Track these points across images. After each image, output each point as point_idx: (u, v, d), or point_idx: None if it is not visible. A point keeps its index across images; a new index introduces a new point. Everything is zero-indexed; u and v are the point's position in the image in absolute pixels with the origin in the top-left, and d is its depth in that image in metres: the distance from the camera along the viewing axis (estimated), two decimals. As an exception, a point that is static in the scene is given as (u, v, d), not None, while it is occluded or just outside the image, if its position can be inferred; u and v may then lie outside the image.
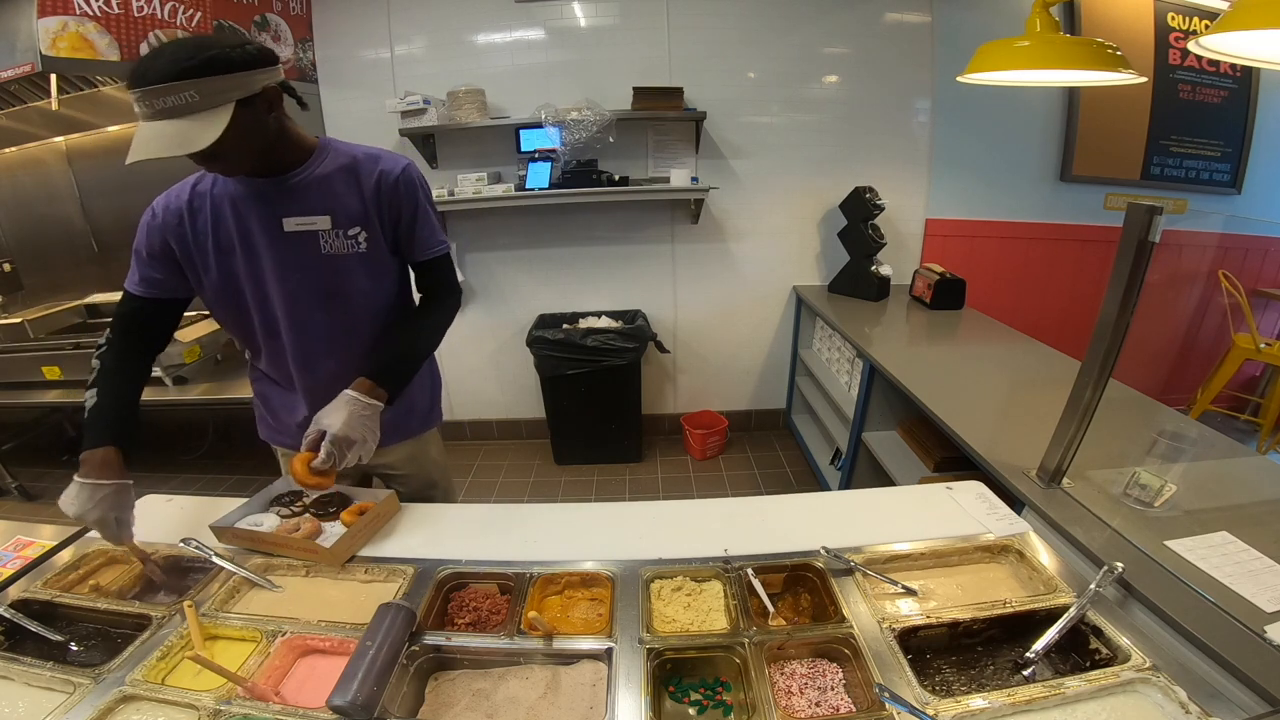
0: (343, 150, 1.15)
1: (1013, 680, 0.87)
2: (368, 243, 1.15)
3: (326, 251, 1.13)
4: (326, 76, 2.84)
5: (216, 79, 0.89)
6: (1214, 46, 1.07)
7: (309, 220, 1.10)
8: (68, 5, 1.90)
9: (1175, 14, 2.86)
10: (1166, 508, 1.14)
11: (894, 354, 2.23)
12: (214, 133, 0.88)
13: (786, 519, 1.20)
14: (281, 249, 1.11)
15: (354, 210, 1.13)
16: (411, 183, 1.16)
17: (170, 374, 2.69)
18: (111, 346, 1.15)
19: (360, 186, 1.12)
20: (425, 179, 1.22)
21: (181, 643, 0.92)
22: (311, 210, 1.10)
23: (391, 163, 1.16)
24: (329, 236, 1.12)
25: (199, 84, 0.87)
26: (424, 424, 1.43)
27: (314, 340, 1.20)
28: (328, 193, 1.11)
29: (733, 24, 2.75)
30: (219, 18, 2.31)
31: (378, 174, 1.13)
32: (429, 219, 1.20)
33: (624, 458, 3.26)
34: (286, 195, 1.09)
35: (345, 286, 1.17)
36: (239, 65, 0.91)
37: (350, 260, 1.15)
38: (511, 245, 3.13)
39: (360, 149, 1.16)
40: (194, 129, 0.88)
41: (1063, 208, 3.10)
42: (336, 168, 1.12)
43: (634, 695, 0.81)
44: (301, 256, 1.12)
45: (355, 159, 1.14)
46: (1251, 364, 3.21)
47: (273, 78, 0.98)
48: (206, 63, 0.87)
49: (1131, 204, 0.98)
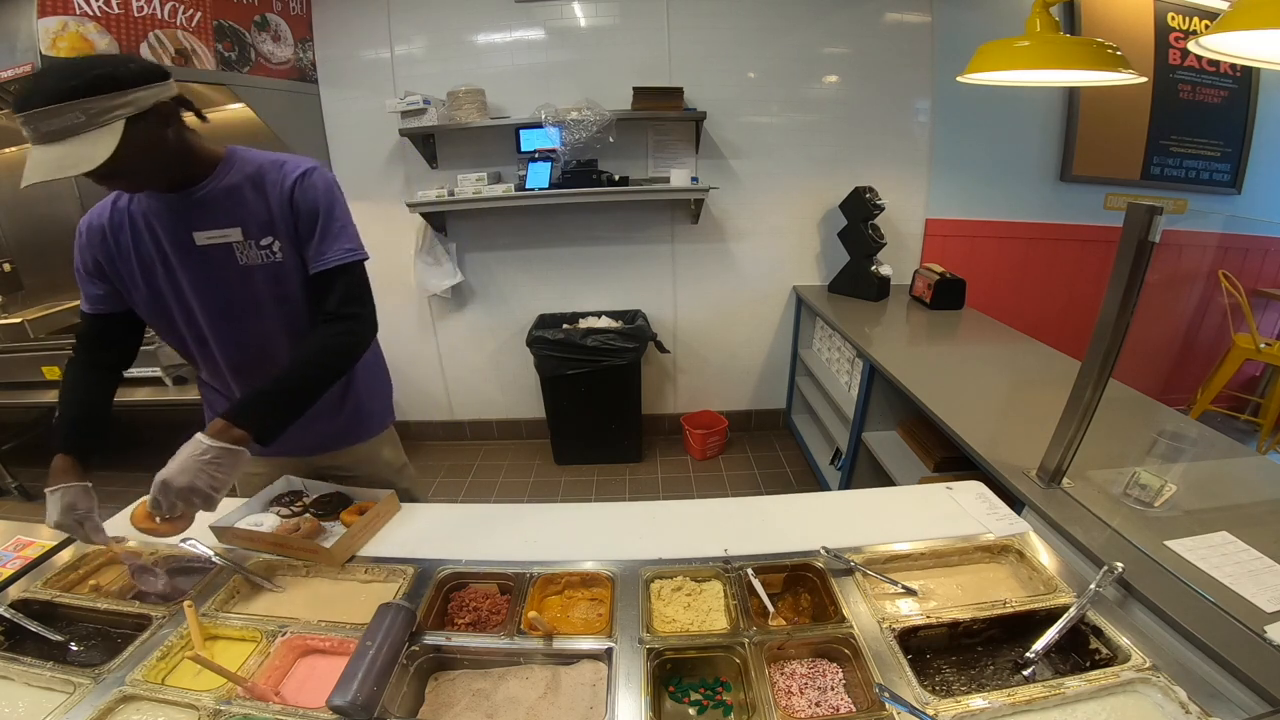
0: (250, 159, 1.11)
1: (1013, 680, 0.87)
2: (283, 252, 1.11)
3: (243, 263, 1.10)
4: (326, 76, 2.84)
5: (101, 99, 0.86)
6: (1214, 46, 1.07)
7: (220, 233, 1.08)
8: (68, 5, 1.90)
9: (1175, 14, 2.86)
10: (1166, 508, 1.14)
11: (894, 354, 2.23)
12: (103, 152, 0.86)
13: (786, 519, 1.20)
14: (198, 263, 1.10)
15: (263, 219, 1.09)
16: (314, 185, 1.10)
17: (170, 374, 2.69)
18: (73, 363, 1.18)
19: (267, 195, 1.09)
20: (336, 182, 1.15)
21: (181, 643, 0.92)
22: (221, 223, 1.08)
23: (294, 166, 1.11)
24: (243, 248, 1.09)
25: (83, 104, 0.85)
26: (379, 426, 1.41)
27: (243, 351, 1.19)
28: (236, 203, 1.08)
29: (733, 24, 2.75)
30: (219, 18, 2.31)
31: (281, 179, 1.09)
32: (331, 223, 1.11)
33: (624, 458, 3.26)
34: (195, 209, 1.07)
35: (266, 297, 1.14)
36: (125, 83, 0.88)
37: (269, 270, 1.11)
38: (511, 245, 3.13)
39: (268, 157, 1.12)
40: (83, 149, 0.86)
41: (1063, 208, 3.10)
42: (243, 177, 1.09)
43: (634, 695, 0.81)
44: (219, 269, 1.10)
45: (261, 167, 1.10)
46: (1251, 364, 3.21)
47: (164, 93, 0.94)
48: (90, 83, 0.85)
49: (1131, 204, 0.98)
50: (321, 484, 1.29)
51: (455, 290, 3.18)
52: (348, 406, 1.32)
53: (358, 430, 1.37)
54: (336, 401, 1.31)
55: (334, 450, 1.36)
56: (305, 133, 2.82)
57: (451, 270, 3.09)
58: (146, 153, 0.93)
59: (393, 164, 2.97)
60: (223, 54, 2.35)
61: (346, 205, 1.16)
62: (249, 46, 2.46)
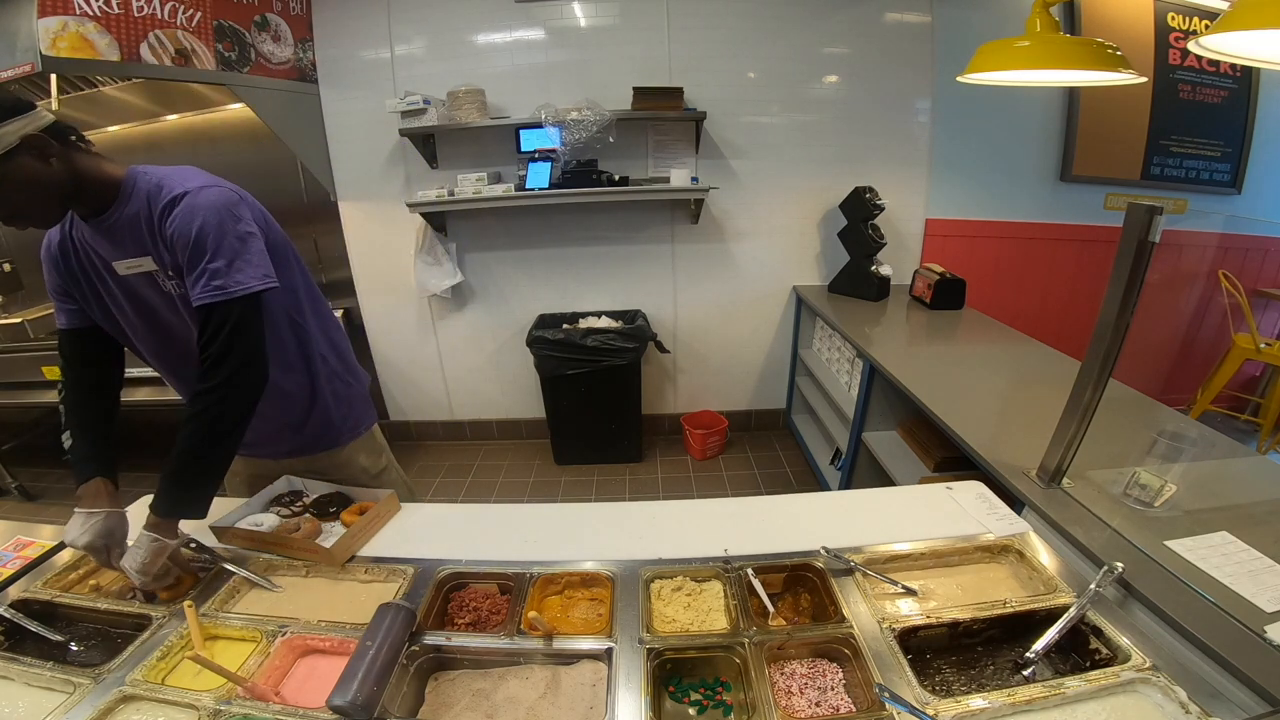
0: (144, 184, 1.01)
1: (1013, 680, 0.87)
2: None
3: (168, 290, 1.06)
4: (326, 76, 2.84)
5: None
6: (1214, 46, 1.07)
7: (135, 262, 1.03)
8: (68, 5, 1.89)
9: (1175, 14, 2.86)
10: (1166, 508, 1.14)
11: (894, 354, 2.23)
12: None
13: (786, 519, 1.20)
14: (128, 290, 1.07)
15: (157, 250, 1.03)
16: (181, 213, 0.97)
17: (170, 374, 2.69)
18: (68, 387, 1.16)
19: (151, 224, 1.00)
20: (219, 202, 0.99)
21: (181, 643, 0.92)
22: (132, 252, 1.02)
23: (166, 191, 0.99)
24: (162, 277, 1.04)
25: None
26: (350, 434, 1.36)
27: (183, 377, 1.17)
28: (138, 232, 1.01)
29: (733, 24, 2.75)
30: (219, 18, 2.31)
31: (158, 207, 0.99)
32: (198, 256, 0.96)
33: (624, 458, 3.26)
34: (110, 237, 1.02)
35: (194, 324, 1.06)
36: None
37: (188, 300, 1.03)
38: (511, 245, 3.13)
39: (155, 179, 1.01)
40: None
41: (1063, 208, 3.10)
42: (140, 206, 1.01)
43: (634, 695, 0.81)
44: (149, 296, 1.07)
45: (149, 194, 1.00)
46: (1251, 364, 3.20)
47: (31, 124, 0.88)
48: None
49: (1131, 204, 0.98)
50: (321, 484, 1.29)
51: (455, 290, 3.18)
52: (314, 417, 1.29)
53: (328, 438, 1.34)
54: (302, 413, 1.27)
55: (306, 456, 1.34)
56: (305, 133, 2.82)
57: (451, 270, 3.09)
58: (27, 190, 0.89)
59: (393, 164, 2.97)
60: (223, 54, 2.35)
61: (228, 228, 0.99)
62: (249, 46, 2.46)
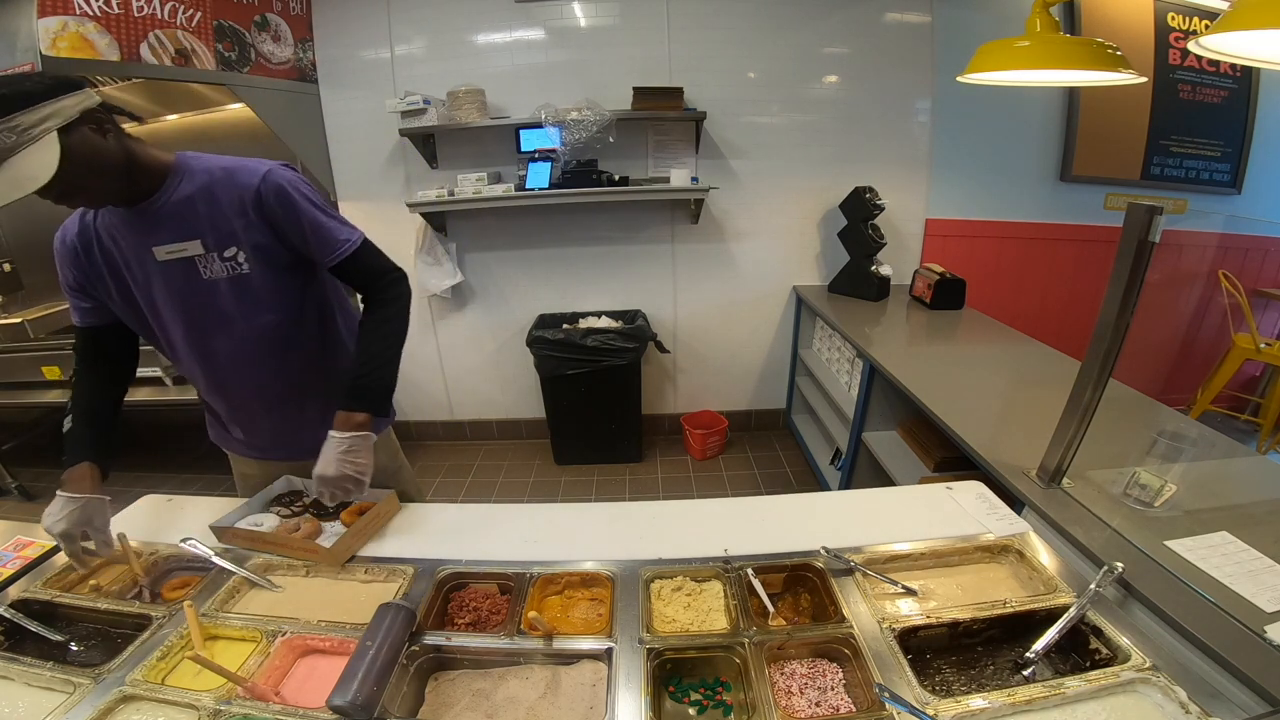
0: (201, 168, 1.06)
1: (1013, 680, 0.87)
2: (249, 263, 1.08)
3: (208, 277, 1.07)
4: (326, 76, 2.84)
5: (21, 115, 0.83)
6: (1214, 46, 1.07)
7: (179, 247, 1.04)
8: (68, 5, 1.89)
9: (1175, 14, 2.86)
10: (1166, 508, 1.14)
11: (894, 354, 2.23)
12: (48, 169, 0.84)
13: (786, 519, 1.20)
14: (164, 278, 1.07)
15: (223, 230, 1.05)
16: (278, 188, 1.06)
17: (170, 374, 2.69)
18: (78, 377, 1.17)
19: (223, 206, 1.05)
20: (297, 178, 1.10)
21: (181, 643, 0.92)
22: (179, 236, 1.04)
23: (250, 174, 1.06)
24: (205, 261, 1.06)
25: (7, 123, 0.82)
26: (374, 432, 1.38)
27: (219, 369, 1.17)
28: (192, 215, 1.04)
29: (733, 24, 2.75)
30: (219, 18, 2.31)
31: (238, 188, 1.05)
32: (317, 220, 1.09)
33: (624, 458, 3.26)
34: (152, 223, 1.03)
35: (237, 312, 1.10)
36: (36, 97, 0.85)
37: (236, 283, 1.08)
38: (511, 245, 3.13)
39: (220, 163, 1.07)
40: (26, 169, 0.83)
41: (1063, 208, 3.10)
42: (196, 188, 1.04)
43: (634, 695, 0.81)
44: (185, 284, 1.07)
45: (213, 176, 1.05)
46: (1251, 364, 3.20)
47: (87, 100, 0.91)
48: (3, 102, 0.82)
49: (1131, 204, 0.98)
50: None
51: (455, 290, 3.18)
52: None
53: None
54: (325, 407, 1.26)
55: None
56: (305, 133, 2.82)
57: (451, 270, 3.09)
58: (91, 164, 0.91)
59: (393, 164, 2.97)
60: (223, 54, 2.35)
61: (314, 191, 1.11)
62: (249, 46, 2.46)
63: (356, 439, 1.09)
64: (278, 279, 1.12)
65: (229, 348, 1.14)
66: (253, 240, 1.07)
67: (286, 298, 1.15)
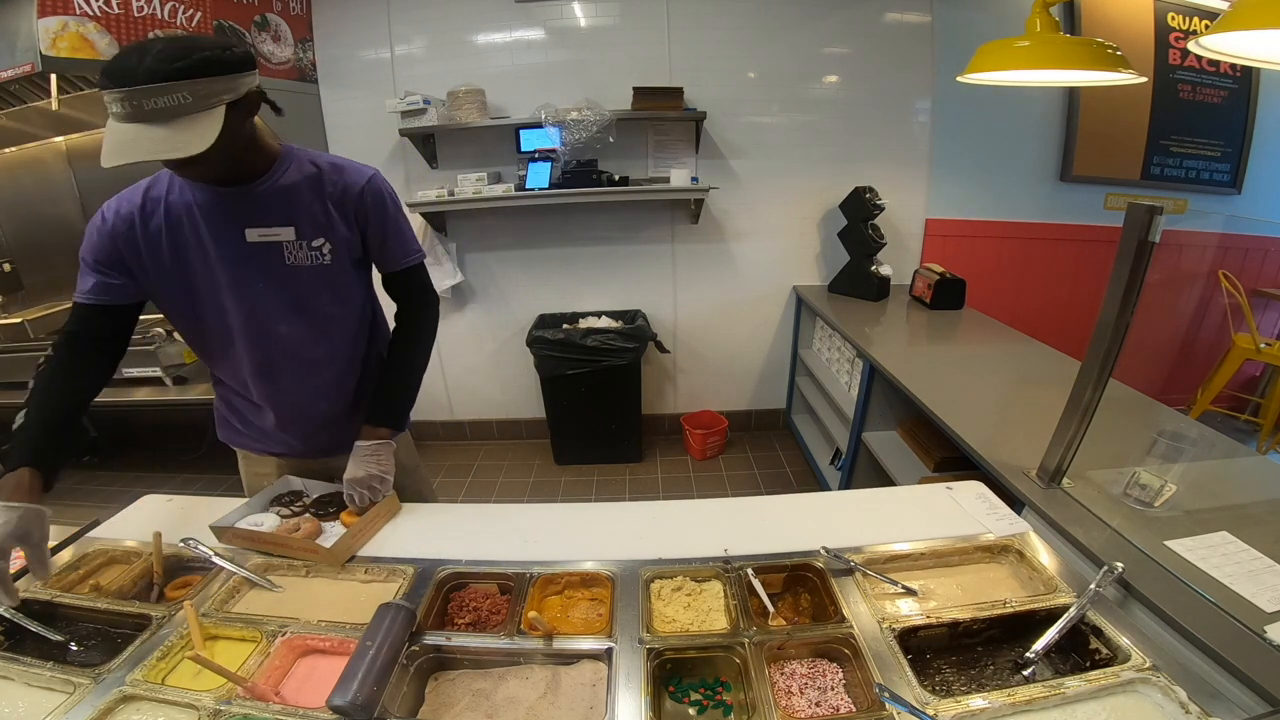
0: (306, 158, 1.10)
1: (1013, 680, 0.87)
2: (332, 255, 1.11)
3: (290, 263, 1.09)
4: (326, 76, 2.84)
5: (209, 81, 0.85)
6: (1214, 46, 1.07)
7: (273, 231, 1.07)
8: (68, 5, 1.90)
9: (1175, 14, 2.86)
10: (1166, 508, 1.14)
11: (894, 354, 2.23)
12: (208, 138, 0.85)
13: (786, 519, 1.20)
14: (243, 260, 1.08)
15: (319, 221, 1.09)
16: (379, 193, 1.14)
17: (170, 374, 2.69)
18: (51, 364, 1.06)
19: (325, 197, 1.09)
20: (392, 187, 1.19)
21: (181, 643, 0.92)
22: (276, 220, 1.07)
23: (357, 174, 1.12)
24: (293, 248, 1.08)
25: (193, 85, 0.84)
26: None
27: (273, 353, 1.17)
28: (292, 202, 1.07)
29: (733, 24, 2.75)
30: (219, 18, 2.31)
31: (343, 185, 1.10)
32: (400, 229, 1.19)
33: (624, 458, 3.26)
34: (251, 205, 1.05)
35: (308, 299, 1.14)
36: (231, 67, 0.88)
37: (314, 272, 1.12)
38: (511, 245, 3.13)
39: (325, 158, 1.13)
40: (185, 132, 0.84)
41: (1063, 208, 3.10)
42: (302, 176, 1.08)
43: (634, 695, 0.81)
44: (264, 268, 1.09)
45: (320, 168, 1.10)
46: (1251, 364, 3.20)
47: (254, 81, 0.95)
48: (201, 64, 0.84)
49: (1131, 204, 0.98)
50: (321, 484, 1.30)
51: (455, 290, 3.18)
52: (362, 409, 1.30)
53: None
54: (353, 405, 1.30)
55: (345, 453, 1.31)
56: (305, 133, 2.82)
57: (452, 270, 3.09)
58: (232, 141, 0.92)
59: (393, 164, 2.97)
60: (223, 54, 2.35)
61: (401, 202, 1.21)
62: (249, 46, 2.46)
63: (381, 446, 1.21)
64: (349, 275, 1.18)
65: (283, 335, 1.16)
66: (341, 234, 1.12)
67: (353, 293, 1.21)
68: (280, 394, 1.23)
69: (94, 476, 3.34)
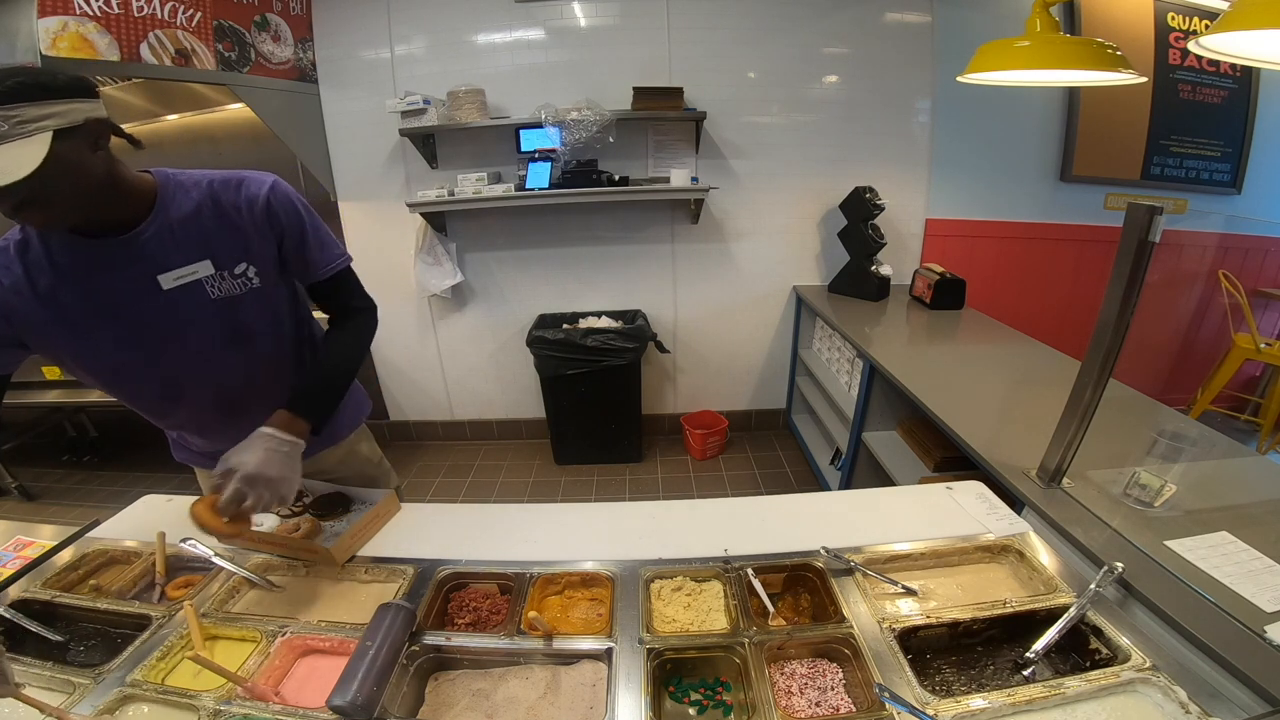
0: (191, 183, 1.00)
1: (1013, 680, 0.87)
2: (259, 276, 1.05)
3: (216, 296, 1.02)
4: (326, 76, 2.84)
5: (28, 106, 0.77)
6: (1214, 46, 1.07)
7: (188, 270, 0.98)
8: (68, 5, 1.89)
9: (1175, 14, 2.86)
10: (1166, 508, 1.14)
11: (894, 354, 2.23)
12: (28, 165, 0.76)
13: (786, 519, 1.20)
14: (161, 309, 0.98)
15: (236, 245, 1.01)
16: (285, 196, 1.05)
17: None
18: None
19: (232, 218, 1.01)
20: (297, 191, 1.09)
21: (181, 643, 0.92)
22: (187, 258, 0.98)
23: (257, 184, 1.03)
24: (215, 280, 1.01)
25: (7, 111, 0.75)
26: (350, 425, 1.37)
27: (232, 386, 1.11)
28: (197, 233, 0.98)
29: (733, 24, 2.75)
30: (219, 18, 2.31)
31: (246, 197, 1.01)
32: (318, 232, 1.10)
33: (624, 458, 3.26)
34: (152, 249, 0.95)
35: (248, 326, 1.07)
36: (55, 93, 0.79)
37: (246, 300, 1.05)
38: (511, 245, 3.13)
39: (213, 175, 1.02)
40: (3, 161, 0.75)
41: (1063, 208, 3.10)
42: (197, 202, 0.99)
43: (634, 695, 0.81)
44: (189, 310, 1.00)
45: (212, 188, 1.00)
46: (1251, 364, 3.21)
47: (95, 110, 0.85)
48: (13, 90, 0.76)
49: (1131, 204, 0.98)
50: (321, 484, 1.29)
51: (455, 290, 3.18)
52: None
53: (334, 429, 1.33)
54: None
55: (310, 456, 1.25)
56: (305, 133, 2.82)
57: (451, 270, 3.09)
58: (71, 176, 0.82)
59: (393, 164, 2.97)
60: (223, 54, 2.35)
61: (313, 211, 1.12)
62: (249, 46, 2.46)
63: (292, 444, 1.02)
64: (279, 292, 1.11)
65: (242, 361, 1.10)
66: (259, 251, 1.04)
67: (290, 303, 1.15)
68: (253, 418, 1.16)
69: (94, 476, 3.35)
